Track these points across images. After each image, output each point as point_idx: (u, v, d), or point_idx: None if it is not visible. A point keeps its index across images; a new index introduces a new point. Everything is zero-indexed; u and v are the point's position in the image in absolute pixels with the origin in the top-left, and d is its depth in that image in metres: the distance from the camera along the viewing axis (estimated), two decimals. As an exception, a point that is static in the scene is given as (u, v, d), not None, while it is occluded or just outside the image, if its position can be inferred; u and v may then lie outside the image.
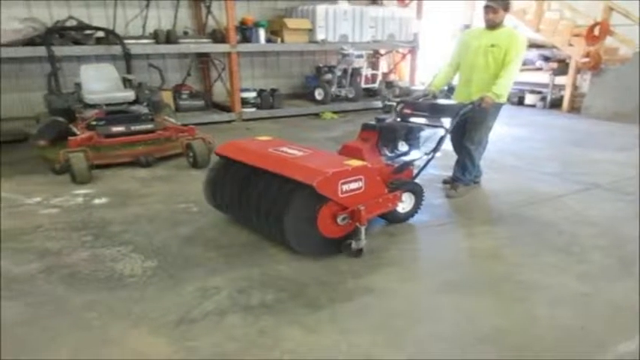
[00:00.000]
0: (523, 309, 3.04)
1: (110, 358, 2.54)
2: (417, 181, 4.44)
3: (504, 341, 2.71)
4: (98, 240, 3.98)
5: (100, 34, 7.83)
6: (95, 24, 8.08)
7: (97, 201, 4.91)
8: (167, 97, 8.47)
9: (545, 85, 10.71)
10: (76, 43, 7.66)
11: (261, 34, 9.06)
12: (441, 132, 4.62)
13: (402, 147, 4.59)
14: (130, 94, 6.63)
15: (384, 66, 12.02)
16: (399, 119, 4.74)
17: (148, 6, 8.68)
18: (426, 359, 2.56)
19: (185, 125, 6.59)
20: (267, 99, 9.37)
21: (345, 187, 3.52)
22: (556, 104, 10.53)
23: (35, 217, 4.48)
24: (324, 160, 3.80)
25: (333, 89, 9.94)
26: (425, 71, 11.11)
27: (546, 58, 10.75)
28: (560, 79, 10.44)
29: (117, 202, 4.87)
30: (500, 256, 3.80)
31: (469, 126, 4.81)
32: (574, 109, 10.14)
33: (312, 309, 3.00)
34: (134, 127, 6.15)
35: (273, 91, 9.59)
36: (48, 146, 5.87)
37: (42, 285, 3.28)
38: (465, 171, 5.05)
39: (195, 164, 5.94)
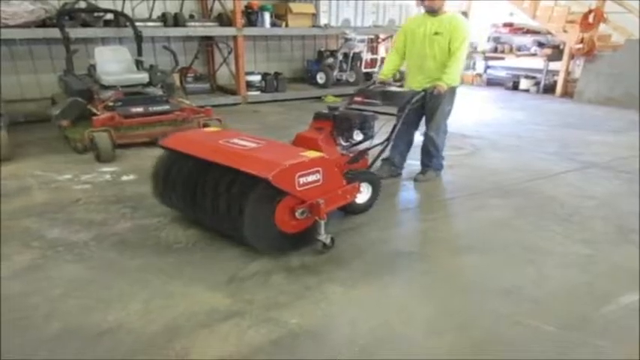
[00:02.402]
0: (534, 268, 3.40)
1: (178, 308, 2.85)
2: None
3: (520, 294, 3.06)
4: (137, 212, 4.26)
5: (108, 16, 8.02)
6: (102, 6, 8.24)
7: (124, 178, 5.17)
8: (175, 79, 8.68)
9: (540, 71, 11.13)
10: (85, 25, 7.83)
11: (267, 18, 9.31)
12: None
13: (357, 136, 4.47)
14: (144, 76, 6.85)
15: (383, 51, 12.30)
16: (350, 107, 4.70)
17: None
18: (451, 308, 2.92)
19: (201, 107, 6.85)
20: (271, 82, 9.64)
21: (303, 180, 3.35)
22: (549, 89, 10.95)
23: (71, 192, 4.73)
24: (279, 152, 3.63)
25: (335, 73, 10.21)
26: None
27: (541, 44, 11.12)
28: (554, 65, 10.85)
29: (144, 179, 5.12)
30: (510, 225, 4.14)
31: (427, 114, 4.89)
32: (567, 94, 10.55)
33: (348, 269, 3.34)
34: (152, 108, 6.37)
35: (277, 74, 9.85)
36: (70, 126, 6.09)
37: (96, 251, 3.56)
38: (432, 157, 5.13)
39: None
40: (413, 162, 5.43)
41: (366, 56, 10.98)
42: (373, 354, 2.51)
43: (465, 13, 12.04)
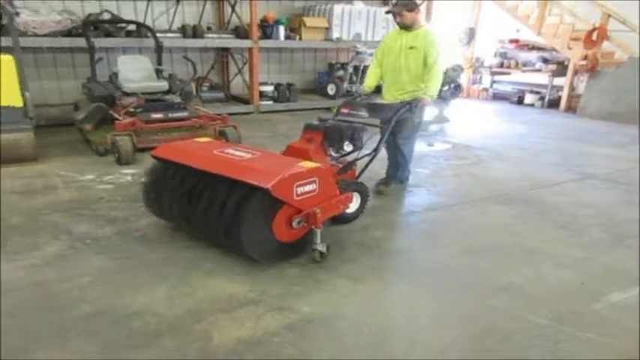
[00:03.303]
0: (532, 269, 3.62)
1: (198, 295, 3.09)
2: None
3: (518, 292, 3.28)
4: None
5: (130, 27, 8.35)
6: (125, 18, 8.59)
7: (144, 179, 5.43)
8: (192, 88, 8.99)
9: (544, 86, 11.36)
10: (108, 35, 8.17)
11: (281, 31, 9.65)
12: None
13: (348, 147, 4.53)
14: (164, 84, 7.17)
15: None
16: (338, 119, 4.78)
17: (178, 2, 9.21)
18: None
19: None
20: (283, 93, 9.93)
21: (300, 190, 3.40)
22: (554, 104, 11.19)
23: (94, 191, 5.00)
24: (276, 162, 3.70)
25: (345, 85, 10.48)
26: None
27: (546, 60, 11.36)
28: (558, 81, 11.10)
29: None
30: (510, 230, 4.36)
31: (397, 125, 4.86)
32: (571, 108, 10.79)
33: (356, 265, 3.59)
34: (171, 115, 6.66)
35: (289, 85, 10.14)
36: (92, 130, 6.39)
37: (119, 244, 3.82)
38: (399, 168, 5.24)
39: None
40: (420, 170, 5.67)
41: (376, 69, 11.23)
42: (379, 340, 2.74)
43: (472, 29, 12.37)
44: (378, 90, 5.34)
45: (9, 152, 5.63)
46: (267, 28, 9.61)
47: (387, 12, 4.95)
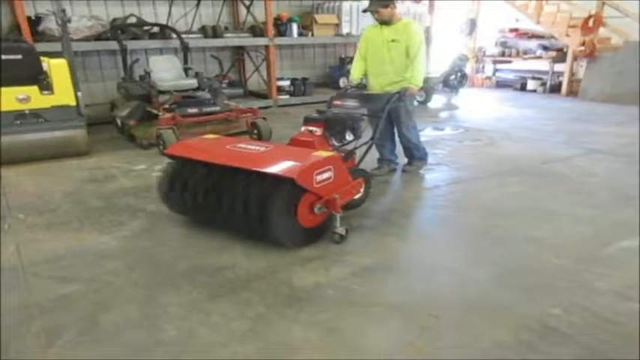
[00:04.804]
0: (551, 225, 4.19)
1: (272, 255, 3.65)
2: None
3: (541, 242, 3.85)
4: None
5: (154, 29, 8.90)
6: (149, 21, 9.14)
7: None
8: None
9: (545, 72, 11.94)
10: (133, 37, 8.72)
11: (294, 28, 10.21)
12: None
13: (349, 136, 4.72)
14: (193, 82, 7.73)
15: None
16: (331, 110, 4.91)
17: (198, 5, 9.76)
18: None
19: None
20: (299, 87, 10.50)
21: (319, 178, 3.60)
22: (555, 89, 11.77)
23: (150, 178, 5.53)
24: (292, 154, 3.89)
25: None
26: (437, 60, 12.17)
27: (545, 48, 11.93)
28: (558, 66, 11.69)
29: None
30: (528, 196, 4.93)
31: (394, 115, 5.16)
32: (572, 93, 11.35)
33: (400, 228, 4.17)
34: (205, 109, 7.22)
35: (305, 79, 10.71)
36: (136, 125, 6.94)
37: (189, 219, 4.34)
38: (412, 151, 5.54)
39: (259, 140, 7.03)
40: (438, 151, 6.22)
41: (384, 62, 11.78)
42: (429, 276, 3.33)
43: (473, 20, 12.92)
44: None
45: (66, 147, 6.20)
46: (281, 26, 10.17)
47: (364, 11, 5.10)
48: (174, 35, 8.50)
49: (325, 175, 3.66)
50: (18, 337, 2.69)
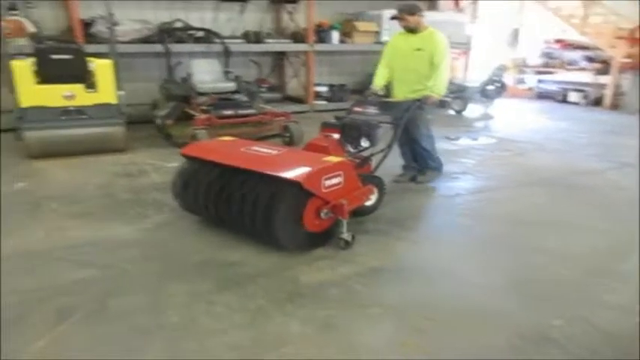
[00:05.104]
0: (568, 237, 4.19)
1: (282, 252, 3.78)
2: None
3: (556, 254, 3.85)
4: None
5: (198, 33, 9.21)
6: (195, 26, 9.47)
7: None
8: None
9: (588, 84, 11.67)
10: (179, 41, 9.04)
11: (335, 35, 10.37)
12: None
13: (364, 143, 4.69)
14: (232, 85, 7.97)
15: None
16: (350, 117, 4.94)
17: (243, 11, 10.05)
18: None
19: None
20: (336, 93, 10.64)
21: (328, 183, 3.62)
22: (598, 102, 11.48)
23: (180, 175, 5.78)
24: (303, 158, 3.93)
25: (393, 85, 11.06)
26: (476, 70, 12.10)
27: (590, 59, 11.69)
28: (602, 79, 11.40)
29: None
30: (551, 207, 4.95)
31: (410, 124, 5.09)
32: (615, 106, 11.08)
33: (414, 232, 4.24)
34: (240, 112, 7.44)
35: (342, 86, 10.85)
36: (173, 125, 7.22)
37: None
38: (426, 160, 5.48)
39: (290, 142, 7.20)
40: (466, 160, 6.23)
41: (423, 70, 11.80)
42: (434, 280, 3.40)
43: (516, 30, 12.78)
44: (387, 89, 5.53)
45: (104, 143, 6.51)
46: (322, 33, 10.34)
47: (392, 18, 5.13)
48: (217, 40, 8.78)
49: (334, 181, 3.68)
50: (31, 315, 2.91)
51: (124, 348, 2.64)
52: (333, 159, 3.83)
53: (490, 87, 10.20)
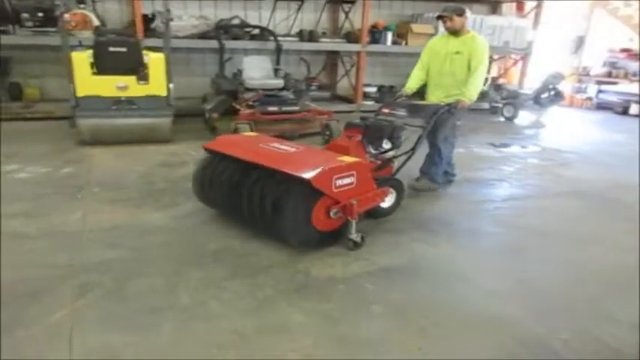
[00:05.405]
0: (593, 251, 4.12)
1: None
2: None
3: (575, 266, 3.81)
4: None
5: (254, 31, 9.47)
6: (252, 23, 9.74)
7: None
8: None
9: (653, 96, 11.16)
10: (235, 38, 9.33)
11: (389, 36, 10.41)
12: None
13: (386, 145, 4.69)
14: (280, 82, 8.16)
15: (495, 70, 12.88)
16: (378, 118, 4.88)
17: (299, 10, 10.26)
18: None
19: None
20: (385, 94, 10.66)
21: (339, 182, 3.61)
22: (662, 115, 10.96)
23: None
24: (318, 156, 3.95)
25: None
26: (535, 76, 11.81)
27: (657, 71, 11.19)
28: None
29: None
30: (581, 220, 4.84)
31: (437, 125, 5.01)
32: (680, 120, 10.54)
33: (434, 235, 4.25)
34: (284, 108, 7.61)
35: (391, 87, 10.85)
36: (219, 118, 7.48)
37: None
38: (434, 165, 5.31)
39: (330, 140, 7.30)
40: (505, 167, 6.15)
41: (478, 75, 11.62)
42: (442, 283, 3.44)
43: (581, 38, 12.36)
44: (419, 92, 5.48)
45: (151, 133, 6.82)
46: (376, 34, 10.39)
47: (438, 17, 5.06)
48: (271, 37, 9.00)
49: (346, 181, 3.67)
50: (55, 288, 3.14)
51: (134, 324, 2.82)
52: (347, 159, 3.83)
53: (544, 95, 9.95)
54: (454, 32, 5.02)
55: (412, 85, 5.35)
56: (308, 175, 3.43)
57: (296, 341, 2.74)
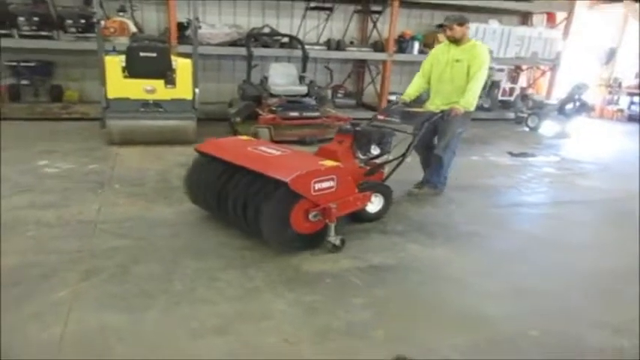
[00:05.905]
0: (591, 257, 4.18)
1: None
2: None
3: (570, 271, 3.90)
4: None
5: (284, 39, 9.77)
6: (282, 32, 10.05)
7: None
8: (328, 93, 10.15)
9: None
10: (265, 46, 9.65)
11: (416, 46, 10.56)
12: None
13: (375, 150, 4.76)
14: (303, 89, 8.41)
15: (523, 80, 12.82)
16: (372, 124, 4.98)
17: (328, 19, 10.53)
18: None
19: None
20: (409, 103, 10.73)
21: (318, 186, 3.68)
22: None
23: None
24: (299, 160, 4.02)
25: (473, 97, 11.00)
26: (564, 87, 11.70)
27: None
28: None
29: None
30: (585, 227, 4.92)
31: (438, 133, 5.15)
32: None
33: (431, 237, 4.38)
34: (305, 114, 7.85)
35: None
36: (242, 123, 7.77)
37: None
38: (435, 173, 5.43)
39: (347, 145, 7.49)
40: (518, 175, 6.20)
41: (505, 85, 11.64)
42: (429, 282, 3.58)
43: (613, 49, 12.18)
44: (418, 100, 5.59)
45: (176, 135, 7.15)
46: (403, 43, 10.54)
47: (439, 25, 5.15)
48: (299, 45, 9.27)
49: (325, 184, 3.75)
50: (62, 271, 3.43)
51: (128, 305, 3.07)
52: (328, 163, 3.91)
53: (570, 105, 9.87)
54: (455, 41, 5.11)
55: (411, 92, 5.49)
56: (286, 177, 3.52)
57: (275, 327, 2.93)
